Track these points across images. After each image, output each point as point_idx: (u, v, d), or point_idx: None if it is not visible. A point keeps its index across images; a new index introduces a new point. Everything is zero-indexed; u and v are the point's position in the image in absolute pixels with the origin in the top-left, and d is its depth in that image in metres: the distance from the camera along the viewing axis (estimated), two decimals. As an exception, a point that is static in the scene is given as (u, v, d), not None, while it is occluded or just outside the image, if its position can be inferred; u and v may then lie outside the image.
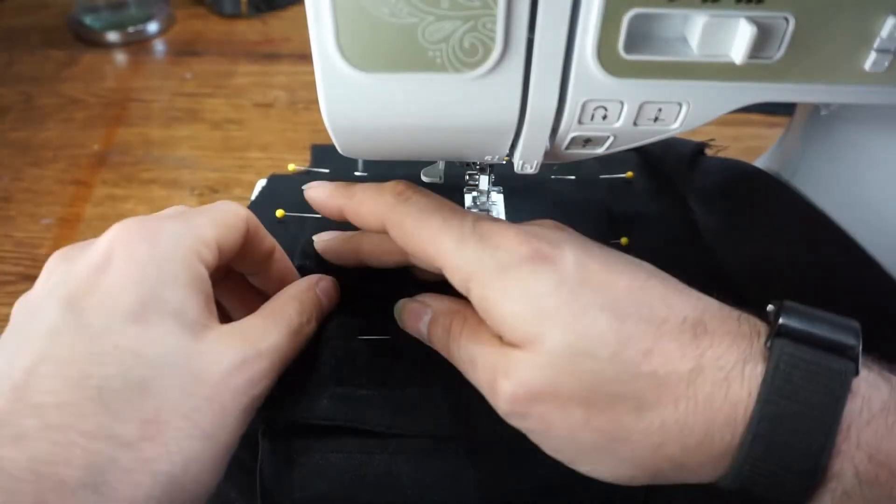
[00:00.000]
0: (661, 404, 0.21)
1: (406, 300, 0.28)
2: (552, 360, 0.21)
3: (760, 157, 0.45)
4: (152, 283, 0.22)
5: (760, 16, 0.21)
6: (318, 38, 0.22)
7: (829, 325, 0.21)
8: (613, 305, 0.22)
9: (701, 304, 0.23)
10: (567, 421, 0.22)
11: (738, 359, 0.21)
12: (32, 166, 0.52)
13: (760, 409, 0.20)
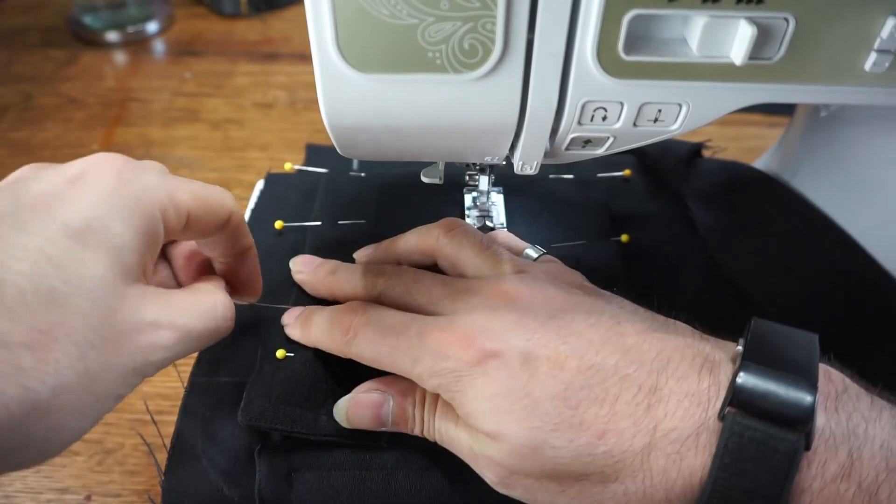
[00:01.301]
0: (620, 478, 0.22)
1: (350, 397, 0.28)
2: (516, 451, 0.23)
3: (760, 158, 0.45)
4: (106, 210, 0.21)
5: (760, 16, 0.21)
6: (318, 38, 0.22)
7: (787, 384, 0.21)
8: (565, 394, 0.23)
9: (659, 362, 0.23)
10: (546, 492, 0.24)
11: (691, 430, 0.22)
12: (32, 166, 0.52)
13: (711, 484, 0.21)
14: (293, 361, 0.30)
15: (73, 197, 0.21)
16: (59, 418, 0.20)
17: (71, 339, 0.20)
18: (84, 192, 0.21)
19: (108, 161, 0.23)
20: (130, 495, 0.33)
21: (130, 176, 0.23)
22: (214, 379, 0.31)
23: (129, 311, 0.21)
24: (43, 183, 0.22)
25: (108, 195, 0.22)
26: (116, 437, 0.35)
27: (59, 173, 0.22)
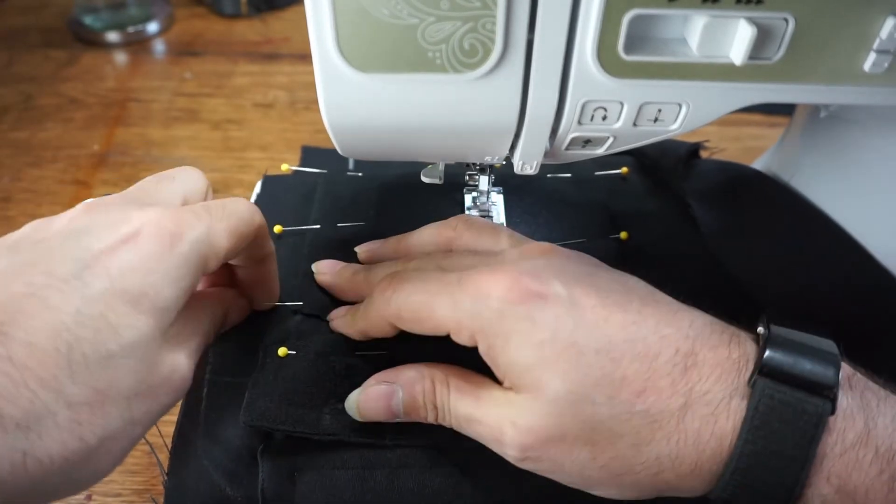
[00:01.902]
0: (655, 440, 0.22)
1: (360, 390, 0.28)
2: (555, 407, 0.23)
3: (760, 158, 0.45)
4: (159, 277, 0.23)
5: (760, 16, 0.21)
6: (318, 38, 0.22)
7: (811, 359, 0.22)
8: (608, 347, 0.23)
9: (694, 330, 0.24)
10: (575, 462, 0.23)
11: (724, 394, 0.22)
12: (32, 166, 0.52)
13: (741, 446, 0.22)
14: (295, 360, 0.30)
15: (130, 261, 0.22)
16: (102, 461, 0.22)
17: (121, 394, 0.22)
18: (139, 256, 0.23)
19: (160, 223, 0.23)
20: (130, 495, 0.33)
21: (180, 239, 0.24)
22: (216, 378, 0.31)
23: (168, 359, 0.24)
24: (100, 242, 0.23)
25: (160, 259, 0.23)
26: (117, 437, 0.35)
27: (113, 231, 0.23)
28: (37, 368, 0.20)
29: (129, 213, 0.24)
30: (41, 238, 0.23)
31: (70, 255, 0.22)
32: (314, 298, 0.33)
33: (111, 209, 0.24)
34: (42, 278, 0.21)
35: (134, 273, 0.22)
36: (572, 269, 0.25)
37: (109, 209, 0.24)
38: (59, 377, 0.20)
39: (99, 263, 0.22)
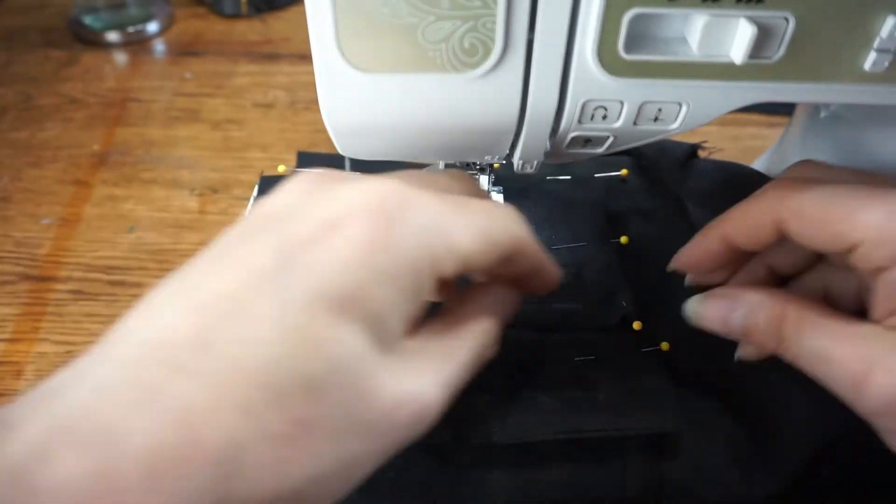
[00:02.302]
0: None
1: (699, 298, 0.26)
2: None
3: (760, 158, 0.45)
4: (367, 274, 0.18)
5: (760, 16, 0.21)
6: (318, 38, 0.22)
7: None
8: None
9: None
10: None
11: None
12: (32, 166, 0.52)
13: None
14: None
15: (330, 254, 0.18)
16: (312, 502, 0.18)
17: (329, 427, 0.17)
18: (342, 248, 0.18)
19: (369, 208, 0.19)
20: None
21: (395, 226, 0.19)
22: None
23: (390, 387, 0.18)
24: (303, 226, 0.19)
25: (370, 253, 0.18)
26: (117, 437, 0.35)
27: (319, 212, 0.19)
28: (234, 390, 0.16)
29: (342, 188, 0.19)
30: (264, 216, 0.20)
31: (270, 243, 0.18)
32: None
33: (326, 182, 0.20)
34: (243, 275, 0.18)
35: (340, 269, 0.18)
36: None
37: (324, 182, 0.20)
38: (258, 402, 0.16)
39: (299, 256, 0.18)
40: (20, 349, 0.39)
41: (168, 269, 0.43)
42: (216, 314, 0.17)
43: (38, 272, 0.43)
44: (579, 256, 0.36)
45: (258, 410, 0.16)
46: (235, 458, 0.16)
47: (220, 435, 0.16)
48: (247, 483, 0.16)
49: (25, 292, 0.42)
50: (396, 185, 0.19)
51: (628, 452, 0.28)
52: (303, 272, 0.18)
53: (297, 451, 0.17)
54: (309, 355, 0.17)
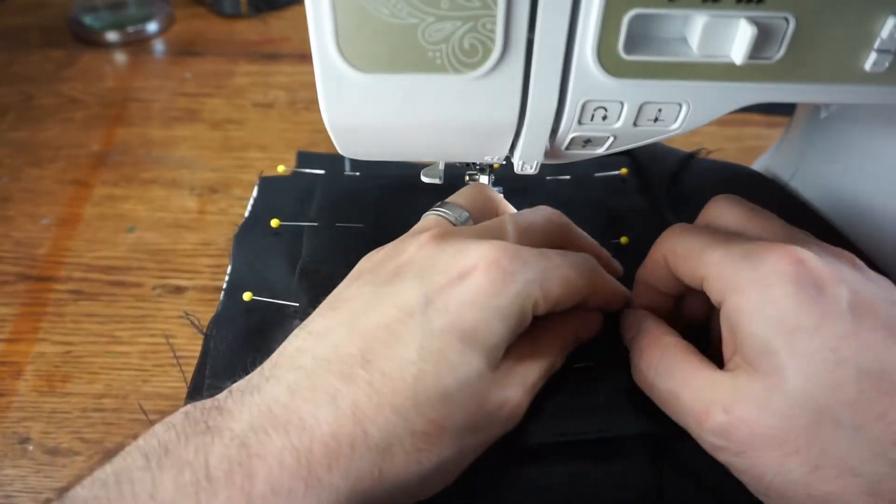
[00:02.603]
0: None
1: (628, 311, 0.30)
2: (787, 405, 0.20)
3: (760, 158, 0.45)
4: (490, 314, 0.24)
5: (760, 16, 0.21)
6: (318, 38, 0.22)
7: None
8: (879, 374, 0.20)
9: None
10: (783, 475, 0.21)
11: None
12: (32, 166, 0.52)
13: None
14: None
15: (465, 297, 0.24)
16: (434, 484, 0.24)
17: (454, 427, 0.23)
18: (473, 292, 0.24)
19: (495, 259, 0.24)
20: (130, 495, 0.33)
21: (513, 279, 0.24)
22: (215, 383, 0.31)
23: (495, 395, 0.24)
24: (442, 276, 0.24)
25: (493, 298, 0.24)
26: (116, 437, 0.35)
27: (453, 265, 0.25)
28: (390, 396, 0.22)
29: (469, 247, 0.25)
30: (397, 267, 0.26)
31: (417, 290, 0.24)
32: (311, 297, 0.33)
33: (454, 241, 0.26)
34: (394, 312, 0.24)
35: (468, 309, 0.23)
36: (863, 283, 0.23)
37: (452, 241, 0.26)
38: (406, 406, 0.22)
39: (439, 299, 0.24)
40: (19, 349, 0.39)
41: (168, 268, 0.43)
42: (375, 340, 0.23)
43: (37, 272, 0.43)
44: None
45: (406, 412, 0.22)
46: (389, 447, 0.22)
47: (379, 429, 0.22)
48: (395, 467, 0.22)
49: (25, 292, 0.42)
50: (508, 249, 0.25)
51: (629, 455, 0.28)
52: (441, 310, 0.23)
53: (431, 444, 0.22)
54: (444, 373, 0.23)
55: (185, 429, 0.22)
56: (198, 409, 0.23)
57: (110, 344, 0.39)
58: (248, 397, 0.23)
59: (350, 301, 0.26)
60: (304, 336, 0.25)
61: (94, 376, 0.37)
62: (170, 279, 0.42)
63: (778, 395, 0.21)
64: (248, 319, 0.33)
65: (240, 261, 0.36)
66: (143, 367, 0.37)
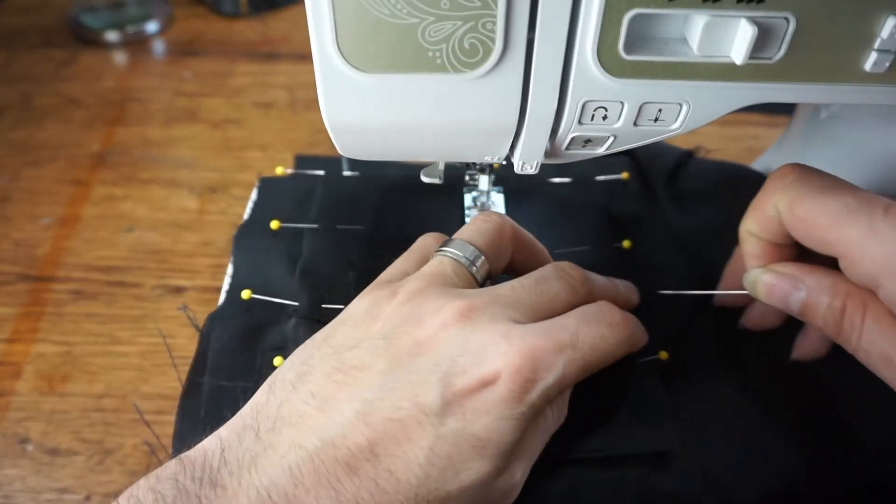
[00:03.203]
0: None
1: (760, 271, 0.27)
2: None
3: (760, 158, 0.45)
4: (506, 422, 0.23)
5: (760, 16, 0.21)
6: (318, 38, 0.22)
7: None
8: None
9: None
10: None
11: None
12: (31, 166, 0.52)
13: None
14: None
15: (485, 405, 0.23)
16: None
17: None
18: (492, 402, 0.23)
19: (519, 370, 0.23)
20: (130, 495, 0.33)
21: (534, 387, 0.23)
22: (214, 382, 0.31)
23: (497, 488, 0.24)
24: (463, 378, 0.23)
25: (511, 409, 0.23)
26: (116, 437, 0.34)
27: (477, 367, 0.23)
28: (392, 495, 0.22)
29: (495, 345, 0.24)
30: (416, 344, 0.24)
31: (435, 388, 0.23)
32: (311, 298, 0.33)
33: (480, 328, 0.24)
34: (409, 406, 0.23)
35: (485, 417, 0.23)
36: None
37: (478, 328, 0.24)
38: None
39: (456, 402, 0.23)
40: (19, 349, 0.39)
41: (167, 269, 0.43)
42: (386, 434, 0.22)
43: (36, 272, 0.43)
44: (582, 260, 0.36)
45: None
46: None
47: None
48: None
49: (25, 292, 0.42)
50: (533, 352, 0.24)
51: (625, 464, 0.28)
52: (457, 415, 0.23)
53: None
54: (448, 479, 0.22)
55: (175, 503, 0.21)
56: (188, 474, 0.22)
57: (110, 344, 0.39)
58: (246, 474, 0.22)
59: (361, 371, 0.24)
60: (306, 397, 0.24)
61: (94, 376, 0.37)
62: (169, 279, 0.42)
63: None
64: (247, 318, 0.33)
65: (241, 263, 0.36)
66: (142, 367, 0.37)
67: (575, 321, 0.25)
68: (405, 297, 0.26)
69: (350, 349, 0.25)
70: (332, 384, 0.24)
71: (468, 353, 0.24)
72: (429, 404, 0.23)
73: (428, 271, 0.27)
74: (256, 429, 0.23)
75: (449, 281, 0.27)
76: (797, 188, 0.24)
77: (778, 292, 0.26)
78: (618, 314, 0.26)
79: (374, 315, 0.26)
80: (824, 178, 0.25)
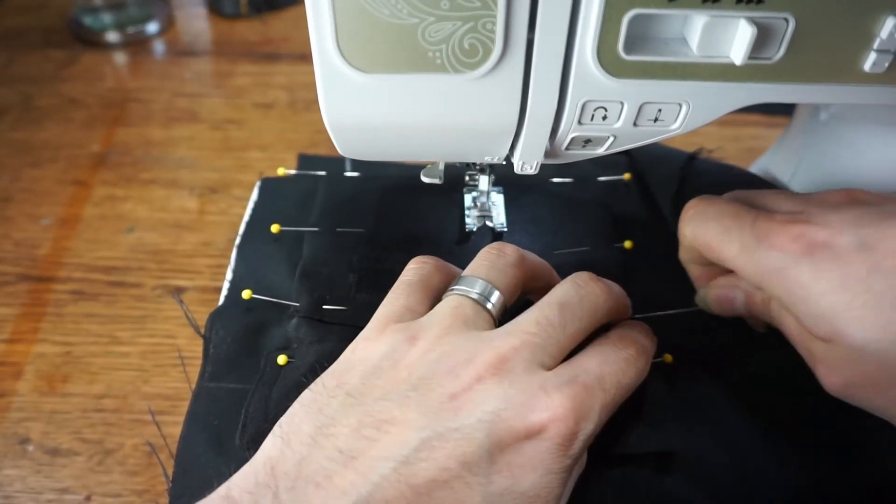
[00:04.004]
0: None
1: (709, 289, 0.30)
2: (857, 356, 0.22)
3: (760, 158, 0.45)
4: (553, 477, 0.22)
5: (760, 16, 0.21)
6: (318, 38, 0.22)
7: None
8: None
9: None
10: (887, 399, 0.23)
11: None
12: (32, 166, 0.52)
13: None
14: (291, 370, 0.30)
15: (532, 460, 0.22)
16: None
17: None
18: (539, 456, 0.22)
19: (564, 420, 0.22)
20: (130, 495, 0.33)
21: (578, 438, 0.23)
22: (221, 385, 0.31)
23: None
24: (509, 433, 0.22)
25: (558, 462, 0.22)
26: (116, 437, 0.35)
27: (521, 418, 0.22)
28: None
29: (538, 396, 0.23)
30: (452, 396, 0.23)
31: (483, 444, 0.22)
32: (311, 300, 0.33)
33: (518, 380, 0.23)
34: (455, 466, 0.21)
35: (532, 472, 0.22)
36: (877, 210, 0.24)
37: (517, 380, 0.23)
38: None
39: (503, 458, 0.22)
40: (20, 349, 0.39)
41: (168, 269, 0.43)
42: (430, 497, 0.21)
43: (37, 272, 0.43)
44: (583, 261, 0.36)
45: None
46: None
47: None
48: None
49: (25, 293, 0.42)
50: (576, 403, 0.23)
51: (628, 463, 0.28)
52: (504, 471, 0.22)
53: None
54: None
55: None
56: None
57: (110, 344, 0.39)
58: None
59: (393, 425, 0.22)
60: (332, 453, 0.22)
61: (94, 376, 0.37)
62: (170, 279, 0.42)
63: (846, 351, 0.22)
64: (248, 319, 0.33)
65: (241, 267, 0.36)
66: (143, 368, 0.37)
67: (597, 363, 0.25)
68: (429, 344, 0.25)
69: (377, 400, 0.23)
70: (362, 440, 0.22)
71: (511, 406, 0.23)
72: (476, 462, 0.21)
73: (447, 313, 0.26)
74: (275, 489, 0.21)
75: (470, 323, 0.26)
76: (694, 220, 0.28)
77: (726, 303, 0.30)
78: (632, 347, 0.26)
79: (395, 362, 0.24)
80: (715, 206, 0.28)
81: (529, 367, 0.24)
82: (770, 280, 0.25)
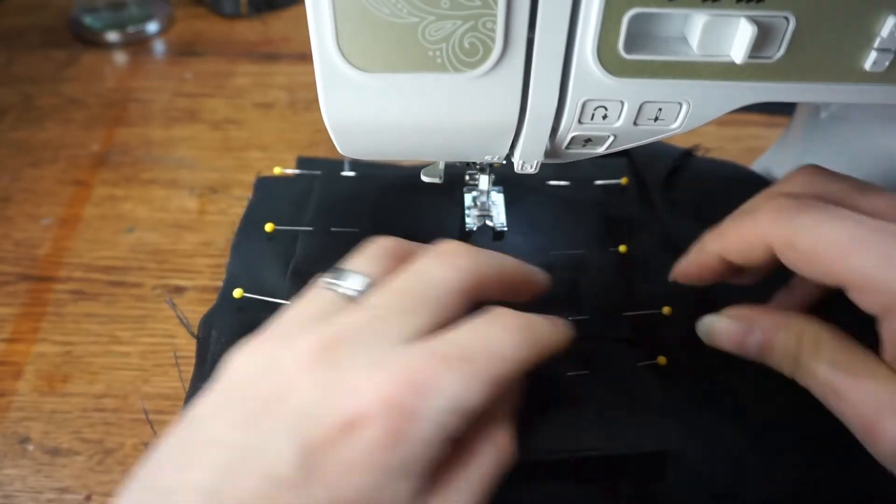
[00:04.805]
0: None
1: (714, 319, 0.26)
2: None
3: (760, 158, 0.45)
4: (385, 475, 0.18)
5: (760, 15, 0.21)
6: (318, 38, 0.22)
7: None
8: None
9: None
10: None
11: None
12: (32, 166, 0.52)
13: None
14: None
15: (348, 457, 0.18)
16: None
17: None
18: (359, 451, 0.18)
19: (387, 403, 0.19)
20: (130, 495, 0.33)
21: (413, 420, 0.19)
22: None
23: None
24: (319, 428, 0.19)
25: (387, 452, 0.18)
26: (116, 437, 0.35)
27: (335, 410, 0.19)
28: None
29: (358, 377, 0.19)
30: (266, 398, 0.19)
31: (291, 450, 0.18)
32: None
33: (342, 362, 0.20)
34: (263, 485, 0.18)
35: (358, 474, 0.18)
36: None
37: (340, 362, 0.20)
38: None
39: (318, 464, 0.18)
40: (20, 349, 0.39)
41: (168, 269, 0.43)
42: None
43: (37, 272, 0.43)
44: (579, 264, 0.36)
45: None
46: None
47: None
48: None
49: (25, 292, 0.42)
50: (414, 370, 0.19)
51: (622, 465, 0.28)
52: (322, 479, 0.18)
53: None
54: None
55: None
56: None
57: (110, 344, 0.39)
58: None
59: (209, 448, 0.19)
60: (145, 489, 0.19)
61: (95, 376, 0.37)
62: (170, 279, 0.42)
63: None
64: (241, 319, 0.33)
65: (235, 266, 0.36)
66: (143, 368, 0.37)
67: (462, 333, 0.21)
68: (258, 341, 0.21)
69: (202, 419, 0.20)
70: (177, 470, 0.19)
71: (329, 392, 0.19)
72: (286, 473, 0.18)
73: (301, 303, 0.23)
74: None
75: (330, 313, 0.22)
76: (794, 220, 0.23)
77: (735, 338, 0.25)
78: (512, 316, 0.22)
79: (224, 371, 0.21)
80: (826, 183, 0.24)
81: (380, 339, 0.20)
82: None
